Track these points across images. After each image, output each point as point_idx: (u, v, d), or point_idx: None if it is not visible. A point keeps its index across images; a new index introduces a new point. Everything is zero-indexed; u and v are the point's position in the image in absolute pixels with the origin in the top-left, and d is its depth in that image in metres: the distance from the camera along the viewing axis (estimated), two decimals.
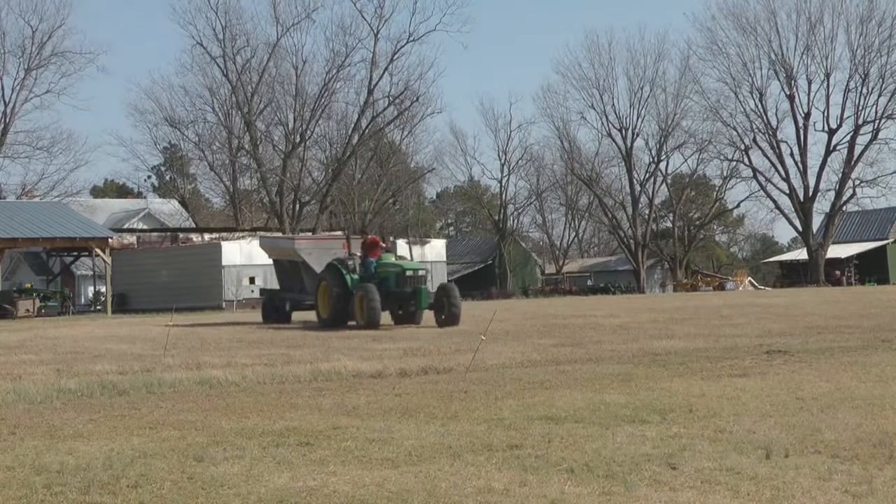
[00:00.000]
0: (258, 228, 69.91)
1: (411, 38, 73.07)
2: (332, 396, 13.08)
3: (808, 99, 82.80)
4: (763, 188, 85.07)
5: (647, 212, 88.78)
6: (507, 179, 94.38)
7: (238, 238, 62.03)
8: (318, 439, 9.66)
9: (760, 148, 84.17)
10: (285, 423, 10.70)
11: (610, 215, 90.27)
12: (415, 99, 76.06)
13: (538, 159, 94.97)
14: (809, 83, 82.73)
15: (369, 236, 30.71)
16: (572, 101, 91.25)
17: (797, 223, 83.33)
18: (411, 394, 13.12)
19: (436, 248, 64.99)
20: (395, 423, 10.57)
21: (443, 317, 28.10)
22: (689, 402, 11.54)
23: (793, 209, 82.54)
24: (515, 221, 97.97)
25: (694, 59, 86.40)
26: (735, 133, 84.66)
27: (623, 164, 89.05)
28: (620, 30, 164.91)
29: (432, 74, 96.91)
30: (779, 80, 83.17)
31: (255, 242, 60.41)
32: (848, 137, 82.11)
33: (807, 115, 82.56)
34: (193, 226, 78.25)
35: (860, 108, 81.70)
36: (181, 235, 68.42)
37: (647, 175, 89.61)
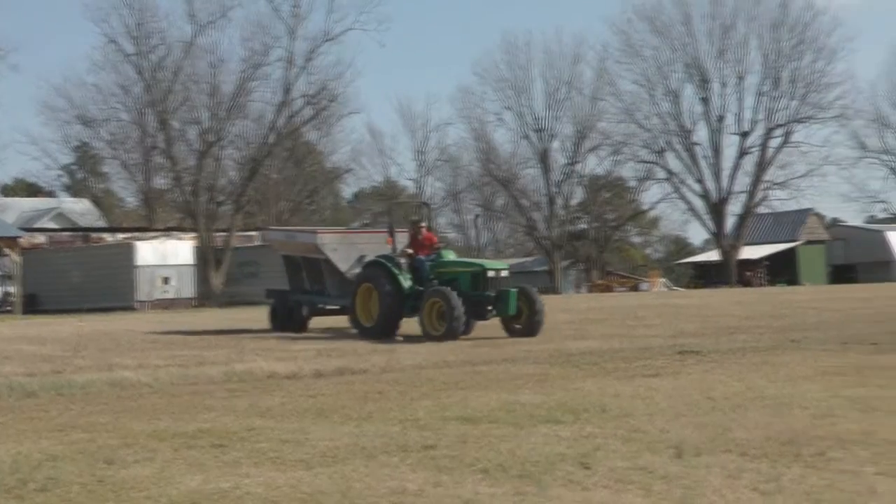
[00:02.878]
0: (172, 228, 69.21)
1: (328, 38, 72.77)
2: (245, 398, 12.98)
3: (722, 102, 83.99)
4: (677, 190, 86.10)
5: (562, 213, 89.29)
6: (424, 180, 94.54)
7: (152, 238, 61.41)
8: (231, 441, 9.58)
9: (675, 150, 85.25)
10: (198, 425, 10.59)
11: (526, 216, 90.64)
12: (332, 99, 75.84)
13: (455, 160, 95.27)
14: (723, 87, 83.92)
15: (423, 228, 25.68)
16: (489, 102, 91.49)
17: (710, 225, 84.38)
18: (326, 395, 13.06)
19: None
20: (309, 425, 10.51)
21: (517, 325, 24.12)
22: (602, 402, 11.61)
23: (706, 211, 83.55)
24: (433, 222, 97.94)
25: (610, 61, 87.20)
26: (650, 135, 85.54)
27: (539, 165, 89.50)
28: (538, 31, 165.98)
29: (350, 74, 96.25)
30: (693, 84, 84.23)
31: (170, 242, 60.17)
32: (760, 140, 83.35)
33: (720, 118, 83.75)
34: (106, 225, 77.30)
35: (772, 111, 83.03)
36: (93, 235, 67.55)
37: (563, 176, 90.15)
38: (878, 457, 8.33)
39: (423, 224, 25.59)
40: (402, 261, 24.79)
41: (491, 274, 24.10)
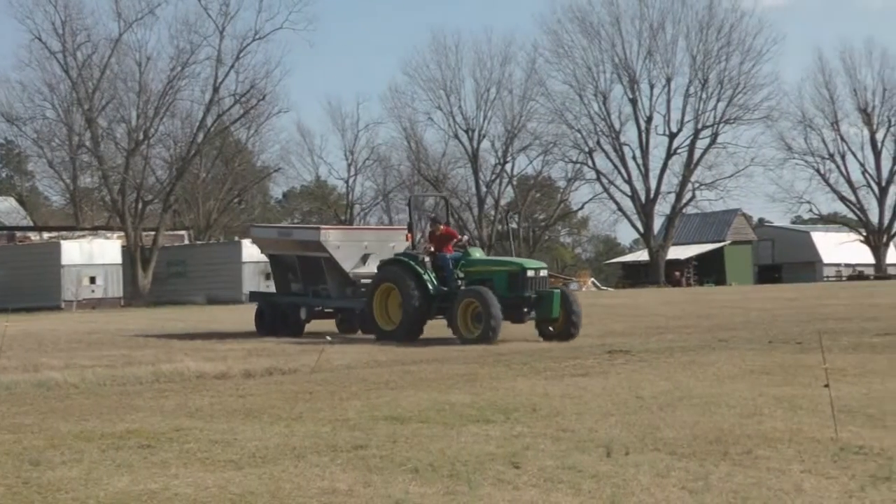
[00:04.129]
0: (99, 228, 68.42)
1: (257, 36, 72.20)
2: (174, 398, 12.87)
3: (650, 103, 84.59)
4: (606, 190, 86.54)
5: (492, 213, 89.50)
6: (354, 179, 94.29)
7: (78, 237, 60.68)
8: (159, 441, 9.49)
9: (604, 151, 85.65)
10: (126, 426, 10.48)
11: (456, 216, 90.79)
12: (261, 97, 75.26)
13: (385, 159, 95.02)
14: (651, 87, 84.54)
15: (441, 226, 24.01)
16: (419, 101, 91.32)
17: (639, 225, 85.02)
18: (256, 395, 12.99)
19: None
20: (238, 425, 10.45)
21: (552, 329, 22.68)
22: (532, 401, 11.65)
23: (635, 211, 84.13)
24: (362, 221, 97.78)
25: (540, 61, 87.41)
26: (579, 135, 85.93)
27: (469, 165, 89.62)
28: (467, 31, 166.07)
29: (279, 73, 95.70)
30: (622, 84, 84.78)
31: (97, 242, 59.49)
32: (688, 141, 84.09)
33: (649, 119, 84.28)
34: (31, 224, 76.26)
35: (700, 112, 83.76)
36: (19, 234, 66.61)
37: (493, 176, 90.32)
38: (803, 455, 8.45)
39: (440, 222, 24.24)
40: (426, 259, 23.19)
41: (530, 274, 22.67)
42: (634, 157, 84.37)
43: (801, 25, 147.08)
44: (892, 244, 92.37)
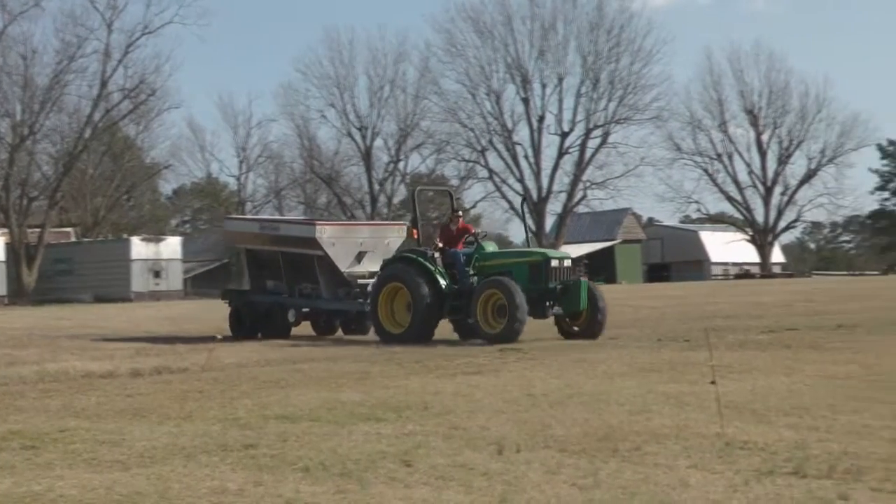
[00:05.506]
0: None
1: (146, 31, 71.31)
2: (59, 398, 12.65)
3: (542, 102, 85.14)
4: (499, 189, 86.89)
5: (385, 211, 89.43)
6: (246, 177, 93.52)
7: None
8: (44, 442, 9.32)
9: (496, 150, 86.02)
10: (8, 427, 10.27)
11: (349, 214, 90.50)
12: (151, 93, 74.30)
13: (277, 157, 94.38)
14: (543, 87, 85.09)
15: (459, 217, 22.57)
16: (313, 99, 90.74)
17: (531, 223, 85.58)
18: (144, 394, 12.83)
19: (171, 246, 63.71)
20: (126, 425, 10.30)
21: (576, 327, 21.12)
22: (424, 399, 11.66)
23: (528, 210, 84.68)
24: None
25: (433, 60, 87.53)
26: (472, 134, 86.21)
27: (362, 162, 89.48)
28: (361, 29, 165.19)
29: (169, 68, 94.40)
30: (515, 84, 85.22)
31: None
32: (579, 141, 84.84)
33: (541, 119, 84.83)
34: None
35: (591, 112, 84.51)
36: None
37: (386, 174, 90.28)
38: (690, 450, 8.57)
39: (460, 213, 22.85)
40: (436, 255, 21.62)
41: (554, 264, 20.96)
42: (526, 157, 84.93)
43: (691, 27, 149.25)
44: (776, 243, 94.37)
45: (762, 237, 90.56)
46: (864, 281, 63.05)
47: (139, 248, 59.94)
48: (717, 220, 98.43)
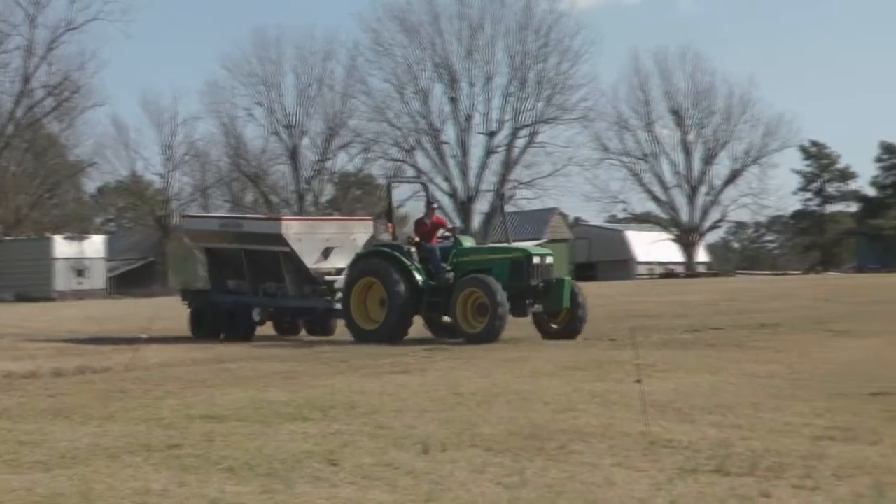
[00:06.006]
0: None
1: (70, 27, 70.57)
2: None
3: (470, 102, 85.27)
4: (426, 188, 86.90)
5: (312, 210, 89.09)
6: (172, 175, 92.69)
7: None
8: None
9: (424, 149, 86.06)
10: None
11: (437, 204, 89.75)
12: (75, 90, 73.53)
13: (203, 155, 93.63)
14: (471, 86, 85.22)
15: (434, 210, 22.16)
16: (239, 97, 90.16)
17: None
18: (66, 394, 12.68)
19: (95, 245, 63.07)
20: (48, 425, 10.18)
21: (554, 325, 20.62)
22: (350, 399, 11.64)
23: (454, 209, 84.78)
24: (179, 218, 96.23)
25: (361, 59, 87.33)
26: (400, 133, 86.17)
27: (289, 161, 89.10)
28: (289, 26, 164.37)
29: (94, 65, 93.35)
30: (442, 83, 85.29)
31: None
32: (507, 140, 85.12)
33: (468, 118, 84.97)
34: None
35: (518, 112, 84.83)
36: None
37: (314, 173, 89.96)
38: (615, 449, 8.63)
39: (435, 206, 22.35)
40: (412, 250, 21.05)
41: (536, 261, 20.35)
42: (454, 156, 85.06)
43: (618, 28, 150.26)
44: (701, 243, 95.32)
45: (687, 237, 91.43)
46: (786, 280, 63.86)
47: (62, 246, 59.24)
48: (643, 220, 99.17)
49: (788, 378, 13.61)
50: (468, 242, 21.62)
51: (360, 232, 25.06)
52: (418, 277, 20.49)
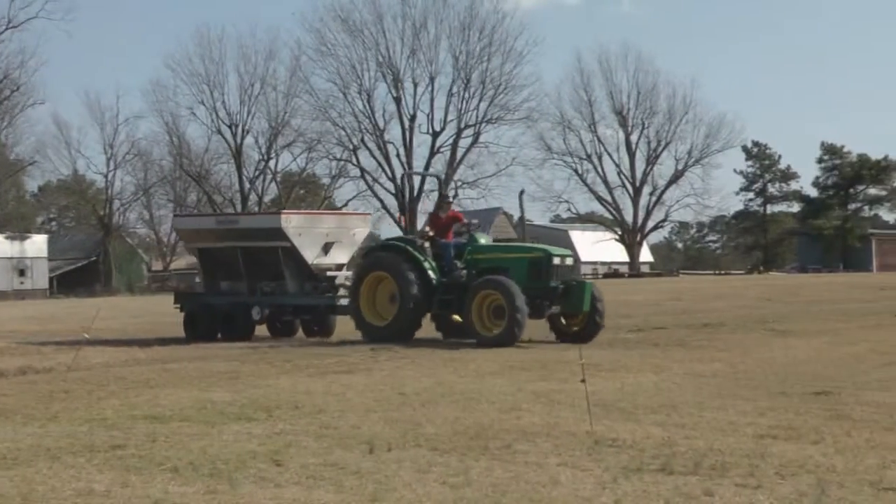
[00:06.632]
0: None
1: (11, 25, 69.92)
2: None
3: (414, 101, 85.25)
4: (370, 188, 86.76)
5: (256, 209, 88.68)
6: (114, 174, 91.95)
7: None
8: None
9: (368, 148, 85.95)
10: None
11: (219, 212, 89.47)
12: (15, 88, 72.86)
13: (146, 154, 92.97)
14: (415, 86, 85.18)
15: (450, 203, 21.23)
16: (182, 96, 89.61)
17: (402, 223, 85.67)
18: (8, 395, 12.54)
19: (37, 244, 62.56)
20: None
21: (574, 328, 19.53)
22: (295, 398, 11.60)
23: (398, 209, 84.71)
24: (121, 217, 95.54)
25: (304, 58, 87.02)
26: (344, 133, 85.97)
27: (233, 161, 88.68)
28: (231, 26, 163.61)
29: (34, 63, 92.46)
30: (386, 83, 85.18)
31: None
32: (451, 140, 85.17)
33: (412, 118, 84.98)
34: None
35: (462, 112, 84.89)
36: None
37: (257, 173, 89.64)
38: (560, 448, 8.66)
39: (450, 199, 21.51)
40: (426, 244, 20.13)
41: (556, 261, 19.33)
42: (398, 155, 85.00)
43: (561, 28, 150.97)
44: (645, 243, 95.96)
45: (631, 237, 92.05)
46: (729, 280, 64.41)
47: (3, 245, 58.76)
48: (587, 220, 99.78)
49: (732, 377, 13.74)
50: (484, 239, 20.68)
51: (360, 227, 24.60)
52: (431, 274, 19.64)
